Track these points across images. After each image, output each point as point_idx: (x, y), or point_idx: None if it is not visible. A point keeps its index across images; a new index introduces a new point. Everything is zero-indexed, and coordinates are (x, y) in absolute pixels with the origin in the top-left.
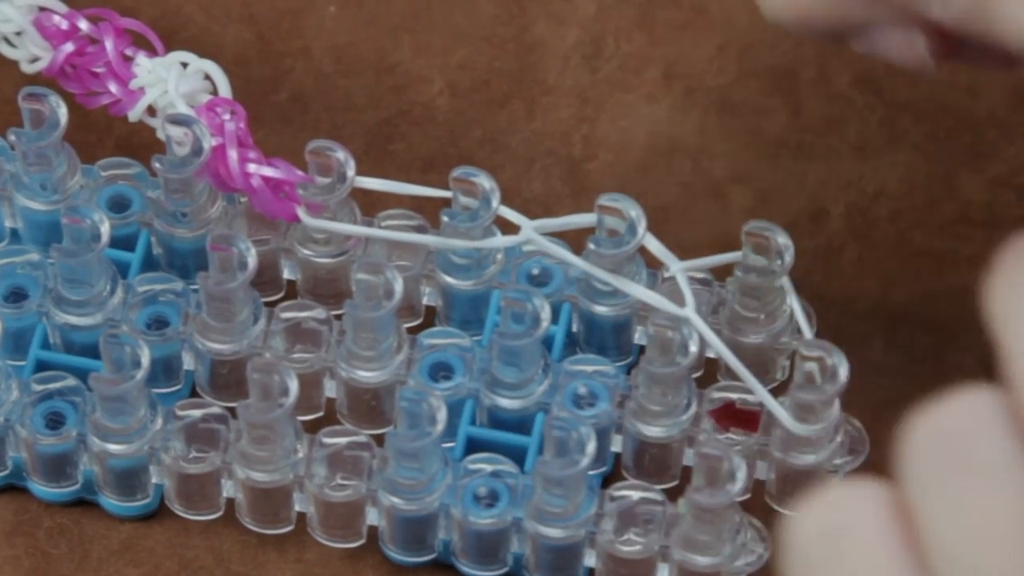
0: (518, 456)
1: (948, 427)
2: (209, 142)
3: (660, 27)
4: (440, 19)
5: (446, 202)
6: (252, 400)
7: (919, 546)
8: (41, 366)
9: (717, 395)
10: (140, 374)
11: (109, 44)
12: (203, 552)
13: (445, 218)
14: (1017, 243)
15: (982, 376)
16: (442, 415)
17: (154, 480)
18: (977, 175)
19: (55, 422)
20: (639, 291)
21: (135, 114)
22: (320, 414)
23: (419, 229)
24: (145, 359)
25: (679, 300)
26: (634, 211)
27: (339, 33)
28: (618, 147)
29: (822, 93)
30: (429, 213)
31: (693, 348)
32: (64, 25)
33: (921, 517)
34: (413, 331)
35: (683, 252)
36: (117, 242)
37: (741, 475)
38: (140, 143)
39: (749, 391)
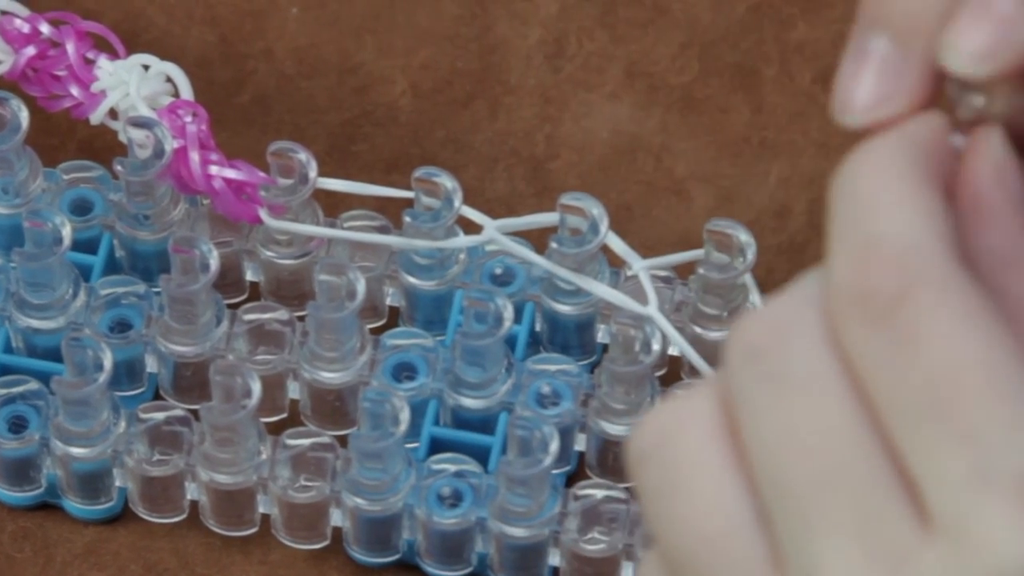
0: (482, 456)
1: (761, 335)
2: (171, 144)
3: (622, 25)
4: (402, 20)
5: (409, 202)
6: (215, 402)
7: (741, 449)
8: (3, 370)
9: (680, 393)
10: (102, 377)
11: (71, 47)
12: (167, 555)
13: (407, 218)
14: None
15: None
16: (405, 415)
17: (118, 483)
18: None
19: (18, 426)
20: (602, 290)
21: (96, 117)
22: (284, 415)
23: (382, 230)
24: (107, 362)
25: (642, 298)
26: (596, 210)
27: (301, 34)
28: (581, 146)
29: (784, 90)
30: (392, 214)
31: (656, 346)
32: (26, 29)
33: (740, 423)
34: (377, 332)
35: (646, 250)
36: (79, 245)
37: None
38: (102, 146)
39: None
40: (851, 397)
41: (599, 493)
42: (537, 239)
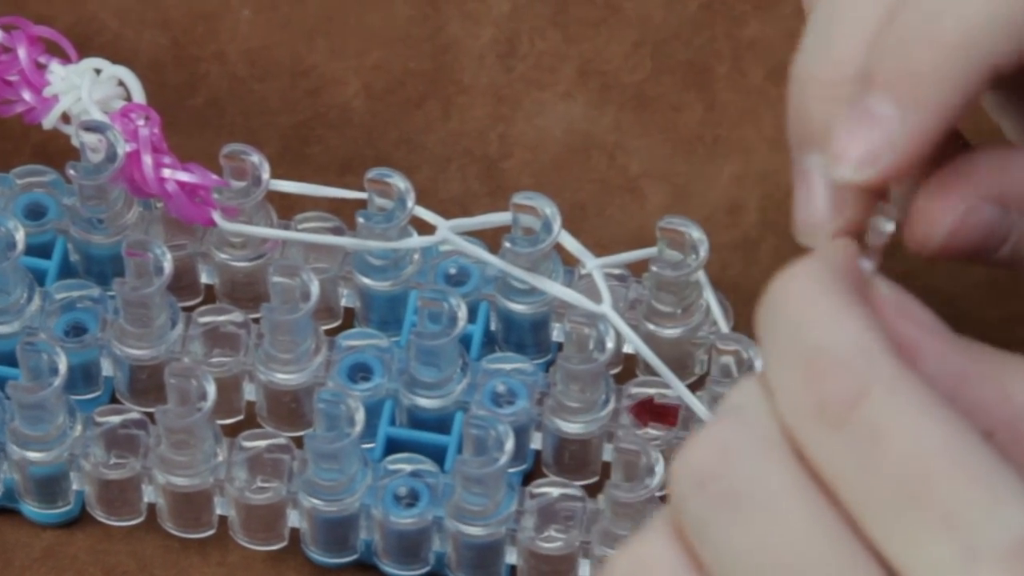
0: (438, 455)
1: (706, 459)
2: (123, 148)
3: (574, 24)
4: (354, 21)
5: (362, 204)
6: (170, 405)
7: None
8: None
9: (635, 390)
10: (58, 381)
11: (22, 52)
12: (126, 558)
13: (361, 220)
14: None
15: None
16: (360, 416)
17: (75, 487)
18: None
19: None
20: (556, 288)
21: (49, 121)
22: (240, 417)
23: (336, 231)
24: (62, 366)
25: (596, 297)
26: (549, 209)
27: (254, 37)
28: (534, 145)
29: (736, 87)
30: (346, 215)
31: (610, 344)
32: None
33: (702, 555)
34: (332, 333)
35: (600, 248)
36: (33, 250)
37: (659, 469)
38: (56, 150)
39: (667, 386)
40: (815, 504)
41: (555, 491)
42: (491, 239)
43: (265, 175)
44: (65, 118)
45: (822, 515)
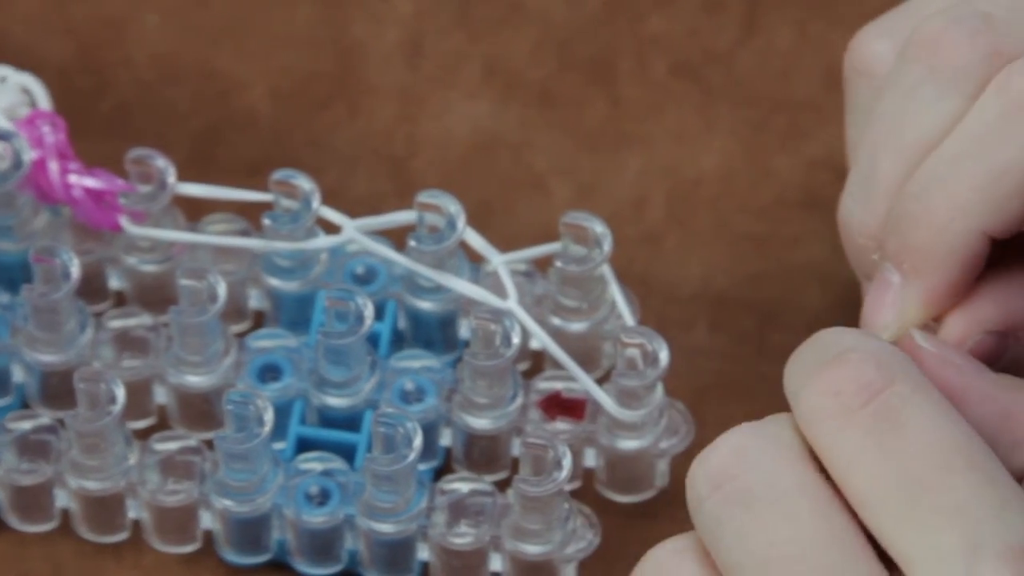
0: (348, 454)
1: (722, 461)
2: (29, 155)
3: (478, 24)
4: (260, 24)
5: (269, 206)
6: (80, 409)
7: None
8: None
9: (543, 385)
10: None
11: None
12: (41, 563)
13: (267, 221)
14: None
15: None
16: (269, 416)
17: None
18: (794, 157)
19: None
20: (461, 285)
21: None
22: (153, 421)
23: (243, 233)
24: None
25: (502, 293)
26: (453, 207)
27: (161, 42)
28: (441, 144)
29: (640, 82)
30: (254, 217)
31: (516, 340)
32: None
33: (718, 556)
34: (242, 335)
35: (509, 245)
36: None
37: (567, 463)
38: None
39: (575, 380)
40: (825, 503)
41: (465, 487)
42: (398, 237)
43: (171, 179)
44: None
45: (830, 514)
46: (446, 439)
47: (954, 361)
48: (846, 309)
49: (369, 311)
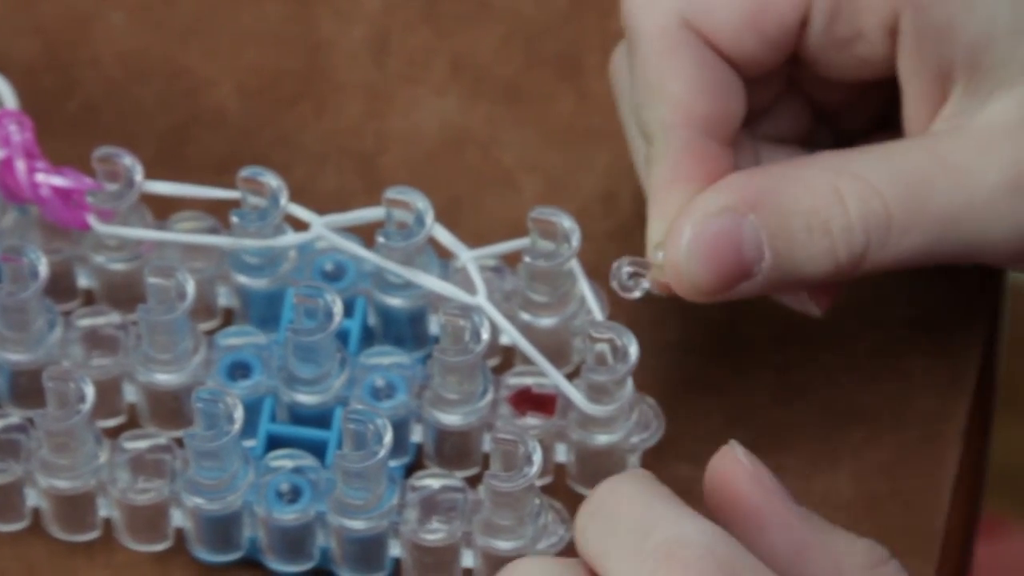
0: (319, 451)
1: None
2: None
3: (445, 20)
4: (227, 22)
5: (237, 203)
6: (49, 408)
7: None
8: None
9: (513, 381)
10: None
11: None
12: (12, 562)
13: (235, 218)
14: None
15: (773, 346)
16: (239, 414)
17: None
18: None
19: None
20: (430, 282)
21: None
22: (122, 419)
23: (212, 230)
24: None
25: (471, 289)
26: (421, 203)
27: (128, 40)
28: (409, 140)
29: (607, 77)
30: (223, 215)
31: (485, 335)
32: None
33: None
34: (212, 332)
35: (478, 241)
36: None
37: (537, 458)
38: None
39: (545, 375)
40: None
41: (436, 483)
42: (367, 234)
43: (138, 177)
44: None
45: None
46: (417, 435)
47: (765, 483)
48: None
49: (338, 308)
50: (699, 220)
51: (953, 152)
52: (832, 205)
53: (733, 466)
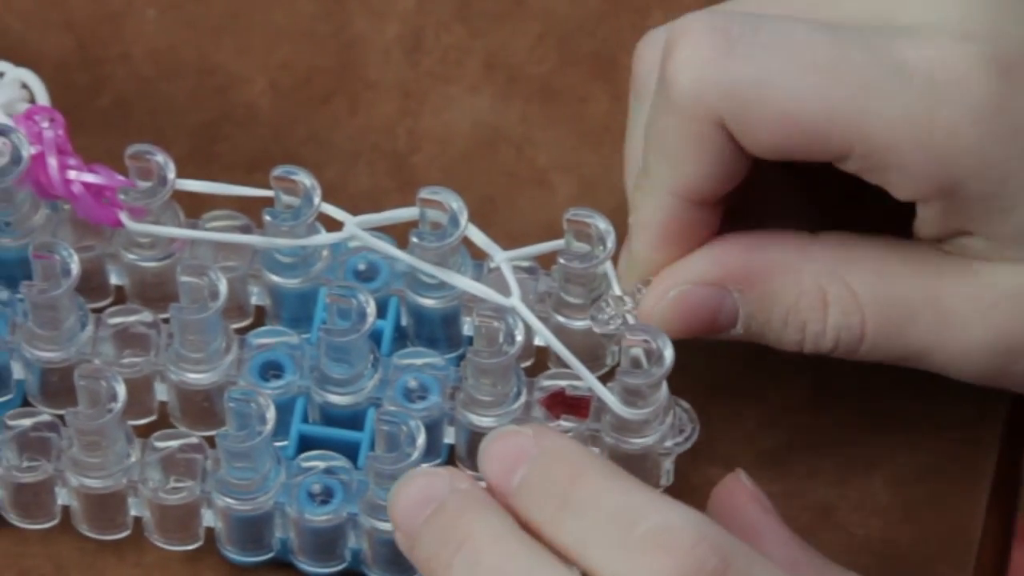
0: (351, 452)
1: None
2: (28, 151)
3: (479, 18)
4: (260, 19)
5: (270, 201)
6: (81, 407)
7: None
8: None
9: (547, 383)
10: None
11: None
12: (42, 560)
13: (268, 217)
14: None
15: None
16: (271, 414)
17: None
18: None
19: None
20: (464, 282)
21: None
22: (153, 418)
23: (244, 229)
24: None
25: (505, 290)
26: (455, 203)
27: (159, 37)
28: (442, 139)
29: None
30: (254, 213)
31: (519, 337)
32: None
33: None
34: (243, 331)
35: (511, 241)
36: None
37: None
38: None
39: (579, 377)
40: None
41: None
42: (400, 233)
43: (171, 175)
44: None
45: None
46: (449, 437)
47: (764, 503)
48: None
49: (371, 308)
50: (685, 288)
51: (951, 297)
52: (814, 309)
53: (735, 485)
